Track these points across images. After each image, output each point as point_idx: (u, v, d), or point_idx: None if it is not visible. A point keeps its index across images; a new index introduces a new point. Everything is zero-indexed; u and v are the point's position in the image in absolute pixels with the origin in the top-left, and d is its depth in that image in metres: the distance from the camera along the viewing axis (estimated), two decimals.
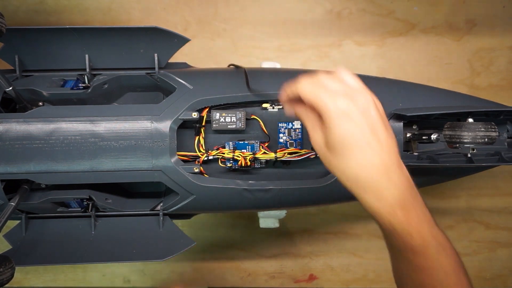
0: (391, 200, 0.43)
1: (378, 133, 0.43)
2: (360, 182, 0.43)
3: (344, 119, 0.41)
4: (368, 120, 0.42)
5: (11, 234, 0.62)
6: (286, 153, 0.58)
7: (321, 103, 0.42)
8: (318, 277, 0.98)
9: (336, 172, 0.45)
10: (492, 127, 0.49)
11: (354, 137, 0.42)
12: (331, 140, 0.43)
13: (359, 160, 0.43)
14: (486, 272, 0.97)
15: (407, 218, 0.44)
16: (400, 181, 0.44)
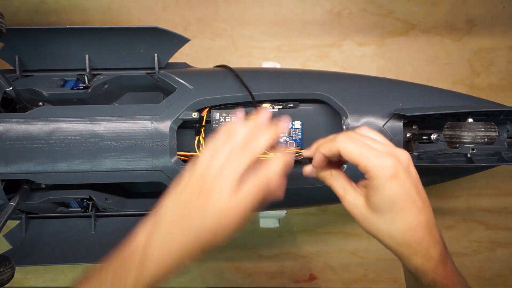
0: (436, 258, 0.43)
1: (419, 191, 0.43)
2: (409, 243, 0.43)
3: (394, 180, 0.41)
4: (412, 179, 0.42)
5: (11, 234, 0.62)
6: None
7: (370, 164, 0.41)
8: (318, 277, 0.98)
9: (379, 234, 0.44)
10: (492, 127, 0.49)
11: (403, 197, 0.41)
12: (378, 201, 0.42)
13: (408, 220, 0.42)
14: (486, 272, 0.97)
15: (446, 272, 0.44)
16: (439, 235, 0.44)
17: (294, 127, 0.61)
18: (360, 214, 0.44)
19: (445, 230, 0.95)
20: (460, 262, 0.96)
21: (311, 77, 0.63)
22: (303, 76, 0.63)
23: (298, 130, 0.61)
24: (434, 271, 0.43)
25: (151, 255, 0.41)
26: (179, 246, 0.42)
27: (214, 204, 0.41)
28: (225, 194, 0.41)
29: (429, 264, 0.43)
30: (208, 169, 0.43)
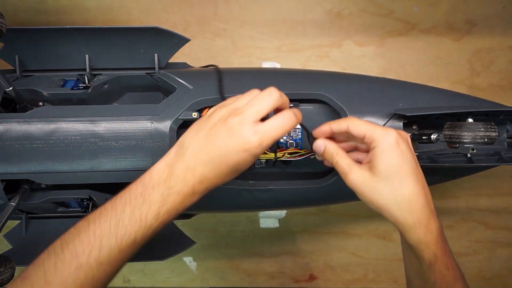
0: (436, 231, 0.46)
1: (418, 165, 0.47)
2: (413, 209, 0.45)
3: (397, 148, 0.45)
4: (412, 154, 0.47)
5: (11, 234, 0.62)
6: (286, 153, 0.58)
7: (376, 133, 0.46)
8: (318, 277, 0.98)
9: (385, 202, 0.46)
10: (492, 127, 0.49)
11: (407, 164, 0.45)
12: (384, 166, 0.45)
13: (412, 186, 0.45)
14: (486, 272, 0.97)
15: (445, 249, 0.46)
16: (436, 216, 0.47)
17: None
18: (367, 185, 0.47)
19: (445, 230, 0.94)
20: (460, 262, 0.96)
21: (311, 77, 0.63)
22: (303, 76, 0.63)
23: (298, 130, 0.61)
24: (436, 244, 0.45)
25: (174, 186, 0.44)
26: (202, 175, 0.44)
27: (238, 137, 0.43)
28: (249, 125, 0.44)
29: (431, 236, 0.45)
30: (233, 105, 0.46)
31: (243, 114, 0.44)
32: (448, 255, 0.47)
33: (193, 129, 0.47)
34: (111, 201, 0.44)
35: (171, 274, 0.98)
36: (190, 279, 0.98)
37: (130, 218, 0.42)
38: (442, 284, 0.46)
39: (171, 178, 0.44)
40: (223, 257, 0.97)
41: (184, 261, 0.97)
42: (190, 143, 0.45)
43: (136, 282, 0.97)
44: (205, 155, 0.44)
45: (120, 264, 0.43)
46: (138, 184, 0.44)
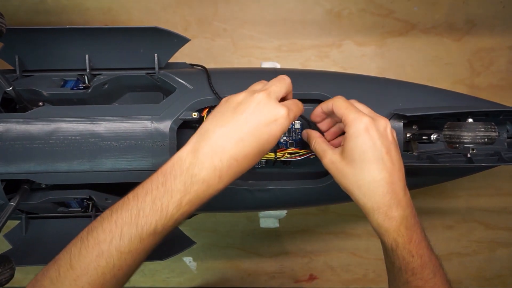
0: (398, 219, 0.47)
1: (391, 153, 0.48)
2: (372, 195, 0.47)
3: (365, 134, 0.47)
4: (384, 141, 0.47)
5: (11, 234, 0.62)
6: (286, 153, 0.58)
7: (350, 116, 0.48)
8: (318, 277, 0.98)
9: (349, 184, 0.48)
10: (492, 127, 0.49)
11: (372, 151, 0.47)
12: (351, 151, 0.47)
13: (373, 173, 0.47)
14: (486, 272, 0.98)
15: (410, 238, 0.47)
16: (406, 202, 0.48)
17: (294, 127, 0.61)
18: (336, 168, 0.49)
19: (445, 230, 0.95)
20: (460, 262, 0.97)
21: (311, 77, 0.63)
22: (303, 76, 0.63)
23: (298, 131, 0.61)
24: (397, 231, 0.47)
25: (198, 174, 0.43)
26: (232, 157, 0.44)
27: (268, 111, 0.44)
28: (274, 99, 0.46)
29: (391, 223, 0.47)
30: (251, 89, 0.48)
31: (267, 90, 0.46)
32: (415, 244, 0.47)
33: (215, 114, 0.46)
34: (134, 191, 0.44)
35: (171, 274, 0.98)
36: (190, 279, 0.98)
37: (151, 207, 0.42)
38: (407, 269, 0.47)
39: (195, 165, 0.43)
40: (223, 257, 0.97)
41: (184, 261, 0.97)
42: (216, 126, 0.44)
43: (136, 282, 0.97)
44: (234, 133, 0.44)
45: (141, 255, 0.44)
46: (159, 174, 0.43)
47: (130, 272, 0.45)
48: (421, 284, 0.47)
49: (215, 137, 0.44)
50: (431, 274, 0.48)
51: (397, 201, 0.47)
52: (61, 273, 0.42)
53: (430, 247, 0.49)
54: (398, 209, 0.47)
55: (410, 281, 0.47)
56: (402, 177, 0.49)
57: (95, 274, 0.41)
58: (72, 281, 0.41)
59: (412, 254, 0.47)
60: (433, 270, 0.48)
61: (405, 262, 0.47)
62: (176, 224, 0.44)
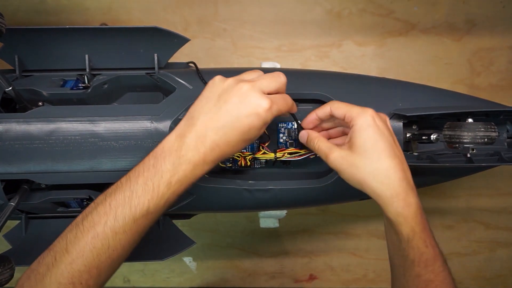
0: (415, 205, 0.47)
1: (397, 144, 0.49)
2: (391, 182, 0.47)
3: (374, 125, 0.48)
4: (390, 132, 0.49)
5: (11, 234, 0.62)
6: (286, 153, 0.58)
7: (354, 112, 0.49)
8: (318, 277, 0.98)
9: (364, 175, 0.48)
10: (491, 127, 0.49)
11: (383, 140, 0.47)
12: (363, 141, 0.48)
13: (389, 160, 0.47)
14: (486, 272, 0.97)
15: (424, 225, 0.47)
16: (415, 192, 0.48)
17: (294, 127, 0.61)
18: (346, 161, 0.49)
19: (445, 230, 0.95)
20: (460, 262, 0.97)
21: (311, 77, 0.63)
22: (303, 76, 0.63)
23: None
24: (414, 218, 0.47)
25: (185, 155, 0.45)
26: (213, 142, 0.46)
27: (251, 103, 0.45)
28: (259, 92, 0.46)
29: (409, 210, 0.47)
30: (239, 77, 0.49)
31: (254, 82, 0.46)
32: (427, 233, 0.47)
33: (201, 100, 0.48)
34: (126, 175, 0.46)
35: (171, 274, 0.98)
36: (190, 279, 0.98)
37: (143, 188, 0.44)
38: (420, 261, 0.47)
39: (182, 147, 0.45)
40: (223, 257, 0.97)
41: (184, 261, 0.97)
42: (200, 113, 0.46)
43: (136, 282, 0.97)
44: (216, 122, 0.45)
45: (135, 236, 0.45)
46: (150, 157, 0.46)
47: (124, 254, 0.46)
48: (433, 277, 0.47)
49: (198, 124, 0.46)
50: (442, 267, 0.48)
51: (411, 187, 0.48)
52: (57, 258, 0.44)
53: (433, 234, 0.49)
54: (414, 195, 0.47)
55: (422, 274, 0.47)
56: (407, 166, 0.49)
57: (91, 256, 0.43)
58: (68, 265, 0.43)
59: (426, 244, 0.47)
60: (443, 263, 0.48)
61: (420, 252, 0.47)
62: (167, 204, 0.46)
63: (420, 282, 0.47)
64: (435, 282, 0.47)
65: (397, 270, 0.51)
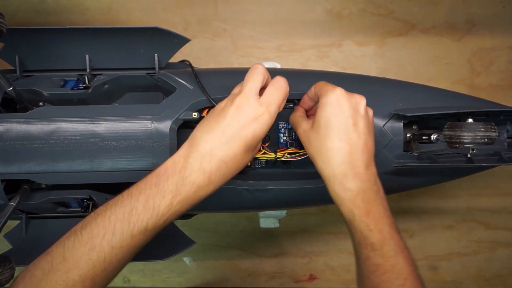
0: (354, 189, 0.48)
1: (358, 126, 0.48)
2: (330, 162, 0.48)
3: (335, 103, 0.48)
4: (354, 114, 0.48)
5: (12, 234, 0.62)
6: (286, 153, 0.58)
7: (325, 89, 0.49)
8: (318, 277, 0.98)
9: (312, 151, 0.50)
10: (492, 127, 0.49)
11: (337, 120, 0.48)
12: (319, 118, 0.49)
13: (334, 141, 0.48)
14: (486, 272, 0.98)
15: (368, 211, 0.48)
16: (366, 176, 0.48)
17: None
18: (305, 135, 0.51)
19: (445, 230, 0.95)
20: (460, 262, 0.97)
21: (311, 77, 0.63)
22: (303, 76, 0.63)
23: None
24: (352, 202, 0.48)
25: (189, 176, 0.45)
26: (220, 159, 0.46)
27: (247, 111, 0.46)
28: (253, 100, 0.47)
29: (346, 193, 0.48)
30: (231, 94, 0.49)
31: (243, 91, 0.47)
32: (373, 218, 0.48)
33: (202, 124, 0.49)
34: (128, 190, 0.46)
35: (171, 274, 0.98)
36: (190, 279, 0.98)
37: (144, 206, 0.44)
38: (366, 244, 0.48)
39: (186, 167, 0.45)
40: (223, 257, 0.97)
41: (184, 261, 0.97)
42: (203, 133, 0.47)
43: (136, 282, 0.97)
44: (220, 137, 0.46)
45: (131, 251, 0.45)
46: (153, 175, 0.46)
47: (119, 267, 0.46)
48: (382, 261, 0.47)
49: (202, 143, 0.46)
50: (392, 252, 0.47)
51: (353, 172, 0.48)
52: (53, 264, 0.44)
53: (395, 227, 0.49)
54: (355, 180, 0.48)
55: (371, 256, 0.48)
56: (368, 152, 0.49)
57: (86, 267, 0.43)
58: (64, 273, 0.43)
59: (370, 227, 0.47)
60: (394, 249, 0.48)
61: (363, 235, 0.48)
62: (166, 223, 0.46)
63: (370, 265, 0.48)
64: (384, 266, 0.47)
65: (354, 252, 0.52)
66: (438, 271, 0.96)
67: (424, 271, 0.95)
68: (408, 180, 0.62)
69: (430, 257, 0.95)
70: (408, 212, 0.94)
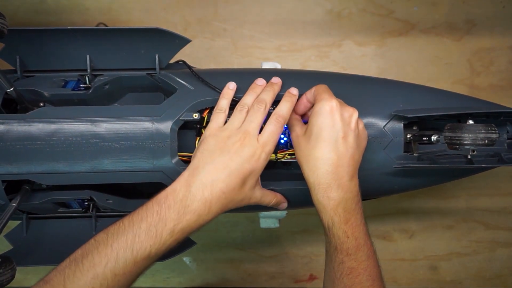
0: (337, 199, 0.50)
1: (347, 139, 0.50)
2: (316, 171, 0.50)
3: (328, 114, 0.50)
4: (345, 126, 0.50)
5: (12, 235, 0.62)
6: (286, 154, 0.59)
7: (321, 96, 0.51)
8: (318, 277, 0.98)
9: (301, 157, 0.52)
10: (492, 128, 0.50)
11: (328, 131, 0.49)
12: (310, 127, 0.51)
13: (323, 151, 0.50)
14: (486, 272, 0.98)
15: (347, 219, 0.50)
16: (349, 187, 0.50)
17: None
18: (297, 141, 0.53)
19: (445, 230, 0.95)
20: (460, 262, 0.97)
21: (311, 77, 0.63)
22: (303, 76, 0.63)
23: None
24: (333, 210, 0.50)
25: (190, 205, 0.47)
26: (220, 190, 0.48)
27: (248, 149, 0.49)
28: (254, 139, 0.50)
29: (329, 202, 0.50)
30: (232, 127, 0.51)
31: (249, 130, 0.50)
32: (352, 226, 0.50)
33: (202, 152, 0.50)
34: (129, 217, 0.47)
35: (171, 274, 0.98)
36: (190, 279, 0.98)
37: (146, 233, 0.45)
38: (342, 249, 0.50)
39: (187, 196, 0.47)
40: (223, 257, 0.97)
41: (184, 261, 0.97)
42: (206, 163, 0.49)
43: (136, 282, 0.97)
44: (223, 170, 0.48)
45: (134, 277, 0.46)
46: (154, 203, 0.47)
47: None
48: (355, 265, 0.50)
49: (204, 173, 0.48)
50: (365, 257, 0.50)
51: (338, 183, 0.49)
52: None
53: (368, 234, 0.52)
54: (338, 190, 0.49)
55: (345, 261, 0.50)
56: (353, 165, 0.51)
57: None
58: None
59: (347, 234, 0.50)
60: (367, 253, 0.51)
61: (340, 241, 0.50)
62: (168, 249, 0.47)
63: (344, 269, 0.50)
64: (357, 270, 0.50)
65: (326, 256, 0.53)
66: (438, 271, 0.96)
67: (424, 271, 0.95)
68: (408, 181, 0.62)
69: (430, 257, 0.96)
70: (408, 212, 0.94)
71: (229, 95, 0.55)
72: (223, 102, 0.55)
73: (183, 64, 0.64)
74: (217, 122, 0.53)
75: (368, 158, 0.57)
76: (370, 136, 0.57)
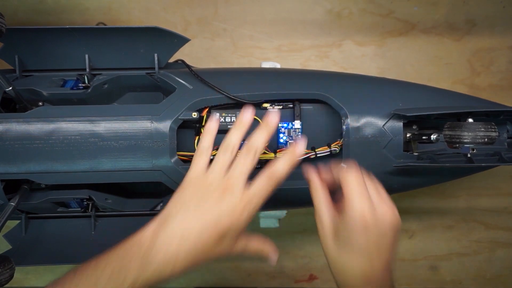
0: None
1: (381, 249, 0.46)
2: (344, 275, 0.47)
3: (360, 224, 0.44)
4: (380, 233, 0.45)
5: (11, 234, 0.62)
6: None
7: (352, 202, 0.45)
8: (318, 277, 0.98)
9: (334, 262, 0.48)
10: (492, 127, 0.49)
11: (362, 243, 0.45)
12: (345, 234, 0.46)
13: (354, 261, 0.46)
14: (486, 272, 0.97)
15: None
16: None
17: (294, 127, 0.61)
18: (324, 234, 0.49)
19: (445, 230, 0.95)
20: (460, 262, 0.97)
21: (311, 77, 0.63)
22: (303, 76, 0.63)
23: (298, 131, 0.61)
24: None
25: (154, 256, 0.43)
26: (190, 245, 0.43)
27: (229, 201, 0.44)
28: (238, 191, 0.45)
29: None
30: (212, 171, 0.46)
31: (233, 178, 0.45)
32: None
33: (179, 196, 0.46)
34: (98, 258, 0.44)
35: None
36: (190, 279, 0.98)
37: (109, 279, 0.42)
38: None
39: (152, 248, 0.43)
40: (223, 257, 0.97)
41: None
42: (178, 212, 0.45)
43: None
44: (196, 221, 0.44)
45: None
46: (121, 249, 0.44)
47: None
48: None
49: (175, 223, 0.44)
50: None
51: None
52: None
53: None
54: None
55: None
56: (388, 270, 0.47)
57: None
58: None
59: None
60: None
61: None
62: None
63: None
64: None
65: None
66: (438, 271, 0.95)
67: (424, 271, 0.95)
68: (408, 180, 0.62)
69: (430, 257, 0.95)
70: (408, 212, 0.94)
71: (212, 130, 0.50)
72: (205, 140, 0.49)
73: (182, 64, 0.64)
74: (198, 165, 0.47)
75: (368, 157, 0.57)
76: (369, 135, 0.57)
